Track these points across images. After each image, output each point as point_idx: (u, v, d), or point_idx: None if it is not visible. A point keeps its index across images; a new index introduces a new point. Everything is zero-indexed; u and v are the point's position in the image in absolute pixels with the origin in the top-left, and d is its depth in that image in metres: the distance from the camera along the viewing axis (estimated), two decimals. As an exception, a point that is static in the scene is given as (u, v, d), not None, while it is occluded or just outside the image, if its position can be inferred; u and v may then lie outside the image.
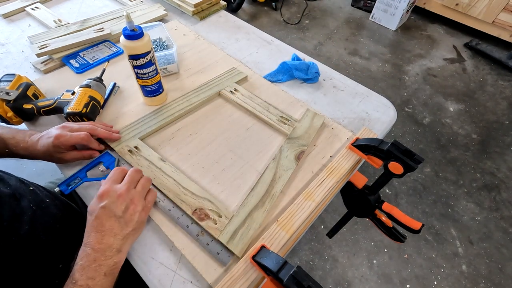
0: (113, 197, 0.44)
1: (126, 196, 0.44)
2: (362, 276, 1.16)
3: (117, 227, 0.42)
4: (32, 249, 0.44)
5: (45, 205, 0.50)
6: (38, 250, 0.44)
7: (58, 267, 0.47)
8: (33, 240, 0.44)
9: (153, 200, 0.48)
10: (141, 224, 0.46)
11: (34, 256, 0.44)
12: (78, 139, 0.52)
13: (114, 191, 0.44)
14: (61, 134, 0.51)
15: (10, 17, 0.91)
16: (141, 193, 0.46)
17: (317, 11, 2.48)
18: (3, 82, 0.61)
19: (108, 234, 0.41)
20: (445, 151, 1.58)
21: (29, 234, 0.43)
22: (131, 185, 0.46)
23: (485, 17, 2.04)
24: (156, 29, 0.78)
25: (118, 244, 0.42)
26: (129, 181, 0.46)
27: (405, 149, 0.48)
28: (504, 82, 1.95)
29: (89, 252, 0.40)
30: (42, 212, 0.48)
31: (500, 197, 1.41)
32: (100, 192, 0.44)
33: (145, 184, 0.48)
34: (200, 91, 0.68)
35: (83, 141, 0.52)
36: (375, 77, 1.95)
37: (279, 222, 0.48)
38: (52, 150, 0.51)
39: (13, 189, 0.46)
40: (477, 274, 1.17)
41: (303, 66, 0.74)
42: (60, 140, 0.50)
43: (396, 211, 0.58)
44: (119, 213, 0.43)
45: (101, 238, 0.41)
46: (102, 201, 0.43)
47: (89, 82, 0.61)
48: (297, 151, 0.58)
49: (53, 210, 0.51)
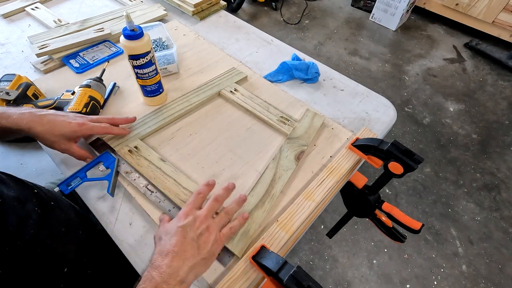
0: (192, 220, 0.42)
1: (204, 222, 0.42)
2: (362, 276, 1.16)
3: (190, 251, 0.39)
4: (37, 253, 0.43)
5: (50, 208, 0.49)
6: (43, 254, 0.44)
7: (63, 271, 0.47)
8: (39, 244, 0.44)
9: (228, 235, 0.44)
10: (212, 256, 0.42)
11: (39, 260, 0.43)
12: (101, 129, 0.52)
13: (194, 214, 0.43)
14: (84, 122, 0.51)
15: (10, 17, 0.91)
16: (217, 224, 0.44)
17: (317, 11, 2.48)
18: (3, 82, 0.61)
19: (179, 256, 0.38)
20: (445, 151, 1.58)
21: (35, 238, 0.43)
22: (210, 213, 0.44)
23: (485, 17, 2.04)
24: (156, 29, 0.78)
25: (184, 272, 0.38)
26: (209, 209, 0.44)
27: (405, 149, 0.48)
28: (504, 82, 1.95)
29: (154, 275, 0.36)
30: (47, 215, 0.47)
31: (500, 197, 1.41)
32: (180, 213, 0.43)
33: (223, 217, 0.45)
34: (200, 91, 0.68)
35: (105, 131, 0.53)
36: (375, 77, 1.95)
37: (279, 222, 0.48)
38: (63, 134, 0.50)
39: (17, 192, 0.46)
40: (477, 274, 1.17)
41: (303, 66, 0.74)
42: (83, 127, 0.50)
43: (396, 211, 0.58)
44: (195, 236, 0.40)
45: (170, 261, 0.38)
46: (180, 221, 0.42)
47: (89, 82, 0.61)
48: (297, 151, 0.58)
49: (58, 213, 0.51)
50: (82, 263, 0.52)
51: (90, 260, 0.54)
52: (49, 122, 0.49)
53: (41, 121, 0.49)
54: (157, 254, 0.39)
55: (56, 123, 0.49)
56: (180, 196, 0.50)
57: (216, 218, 0.45)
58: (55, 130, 0.49)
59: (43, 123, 0.49)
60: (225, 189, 0.47)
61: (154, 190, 0.52)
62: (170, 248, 0.39)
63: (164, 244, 0.40)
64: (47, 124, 0.49)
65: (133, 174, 0.53)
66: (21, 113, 0.49)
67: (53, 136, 0.50)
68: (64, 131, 0.50)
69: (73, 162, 0.57)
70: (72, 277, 0.46)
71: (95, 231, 0.59)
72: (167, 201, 0.50)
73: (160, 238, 0.41)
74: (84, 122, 0.51)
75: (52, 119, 0.50)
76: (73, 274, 0.47)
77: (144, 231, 0.49)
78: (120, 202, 0.52)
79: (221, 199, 0.46)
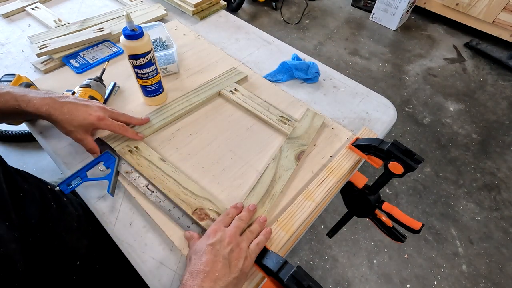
0: (221, 237, 0.41)
1: (233, 238, 0.41)
2: (362, 276, 1.16)
3: (221, 270, 0.38)
4: (54, 245, 0.44)
5: (63, 203, 0.50)
6: (59, 246, 0.45)
7: (76, 264, 0.48)
8: (56, 237, 0.44)
9: (256, 251, 0.42)
10: (244, 275, 0.40)
11: (56, 253, 0.44)
12: (117, 128, 0.52)
13: (223, 231, 0.42)
14: (104, 117, 0.51)
15: (10, 17, 0.91)
16: (246, 241, 0.43)
17: (317, 11, 2.48)
18: (3, 82, 0.61)
19: (210, 276, 0.37)
20: (445, 151, 1.58)
21: (53, 231, 0.44)
22: (238, 230, 0.43)
23: (485, 17, 2.04)
24: (156, 29, 0.78)
25: None
26: (236, 225, 0.44)
27: (405, 149, 0.48)
28: (504, 82, 1.95)
29: None
30: (62, 210, 0.48)
31: (500, 197, 1.41)
32: (209, 231, 0.43)
33: (249, 235, 0.44)
34: (200, 91, 0.68)
35: (121, 131, 0.53)
36: (375, 77, 1.95)
37: (279, 222, 0.48)
38: (82, 124, 0.49)
39: (35, 187, 0.46)
40: (477, 274, 1.17)
41: (303, 66, 0.74)
42: (102, 122, 0.50)
43: (396, 211, 0.58)
44: (225, 254, 0.39)
45: (201, 281, 0.36)
46: (209, 239, 0.41)
47: (89, 82, 0.61)
48: (297, 151, 0.58)
49: (70, 209, 0.51)
50: (92, 258, 0.53)
51: (98, 256, 0.55)
52: (69, 111, 0.49)
53: (62, 109, 0.48)
54: (188, 274, 0.37)
55: (76, 114, 0.49)
56: (180, 196, 0.50)
57: (243, 235, 0.44)
58: (74, 120, 0.49)
59: (63, 111, 0.48)
60: (247, 210, 0.46)
61: (154, 190, 0.52)
62: (201, 267, 0.37)
63: (194, 264, 0.38)
64: (67, 113, 0.49)
65: (133, 174, 0.53)
66: (42, 97, 0.48)
67: (71, 126, 0.49)
68: (83, 123, 0.49)
69: (73, 162, 0.57)
70: (84, 270, 0.46)
71: (102, 228, 0.60)
72: (167, 201, 0.50)
73: (190, 258, 0.40)
74: (104, 117, 0.51)
75: (72, 108, 0.49)
76: (84, 268, 0.48)
77: (145, 231, 0.49)
78: (120, 202, 0.52)
79: (245, 218, 0.45)
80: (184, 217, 0.49)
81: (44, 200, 0.45)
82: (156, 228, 0.49)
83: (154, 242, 0.48)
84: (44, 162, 1.41)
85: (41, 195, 0.46)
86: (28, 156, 1.43)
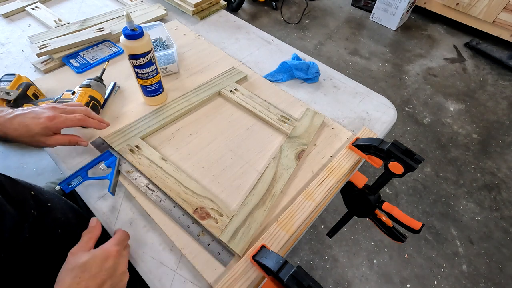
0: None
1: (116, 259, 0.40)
2: (363, 275, 1.16)
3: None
4: (32, 255, 0.43)
5: (46, 209, 0.49)
6: (38, 256, 0.44)
7: None
8: (33, 247, 0.43)
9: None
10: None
11: (35, 262, 0.43)
12: (75, 121, 0.49)
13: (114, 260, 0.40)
14: (55, 116, 0.47)
15: (10, 16, 0.91)
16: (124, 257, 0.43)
17: (317, 11, 2.48)
18: (3, 82, 0.61)
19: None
20: (445, 150, 1.58)
21: (29, 241, 0.42)
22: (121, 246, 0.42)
23: (485, 16, 2.04)
24: (156, 29, 0.78)
25: None
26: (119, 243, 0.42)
27: (405, 149, 0.48)
28: (504, 82, 1.95)
29: None
30: (43, 218, 0.47)
31: (501, 197, 1.41)
32: (103, 253, 0.40)
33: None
34: (200, 91, 0.68)
35: (80, 123, 0.49)
36: (375, 77, 1.95)
37: (279, 222, 0.48)
38: (37, 132, 0.46)
39: (14, 195, 0.45)
40: (477, 274, 1.17)
41: (303, 66, 0.74)
42: (54, 121, 0.47)
43: (397, 211, 0.58)
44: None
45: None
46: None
47: (89, 82, 0.61)
48: (297, 150, 0.58)
49: (54, 214, 0.50)
50: None
51: None
52: (20, 124, 0.46)
53: (13, 125, 0.46)
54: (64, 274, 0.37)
55: (27, 123, 0.46)
56: (181, 195, 0.50)
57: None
58: (29, 131, 0.46)
59: (16, 127, 0.46)
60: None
61: (155, 189, 0.52)
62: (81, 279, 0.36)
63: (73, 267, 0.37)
64: (19, 127, 0.46)
65: (134, 174, 0.53)
66: (6, 119, 0.46)
67: (29, 138, 0.47)
68: (37, 130, 0.46)
69: (74, 162, 0.57)
70: None
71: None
72: (168, 200, 0.50)
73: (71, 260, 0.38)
74: (55, 116, 0.47)
75: (21, 120, 0.46)
76: None
77: (145, 231, 0.49)
78: (121, 202, 0.52)
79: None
80: (184, 217, 0.49)
81: (23, 209, 0.43)
82: (156, 228, 0.49)
83: (154, 242, 0.48)
84: (45, 162, 1.41)
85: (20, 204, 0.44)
86: (28, 156, 1.43)
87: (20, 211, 0.43)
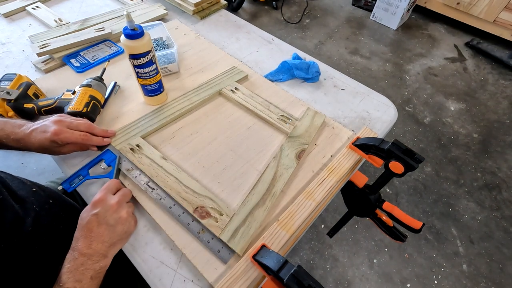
0: (107, 206, 0.45)
1: (118, 208, 0.46)
2: (363, 275, 1.16)
3: (106, 235, 0.44)
4: (35, 250, 0.44)
5: (48, 206, 0.50)
6: (41, 251, 0.45)
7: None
8: (36, 242, 0.44)
9: (131, 211, 0.49)
10: (128, 235, 0.47)
11: (37, 257, 0.44)
12: (78, 138, 0.52)
13: (108, 201, 0.46)
14: (61, 130, 0.50)
15: (11, 16, 0.91)
16: (130, 209, 0.49)
17: (317, 10, 2.48)
18: (4, 82, 0.61)
19: (97, 240, 0.43)
20: (446, 150, 1.57)
21: (32, 235, 0.43)
22: (124, 198, 0.48)
23: (486, 16, 2.04)
24: (156, 29, 0.78)
25: (105, 250, 0.43)
26: (122, 194, 0.48)
27: (405, 149, 0.48)
28: (505, 81, 1.94)
29: (76, 256, 0.41)
30: (45, 213, 0.48)
31: (501, 197, 1.41)
32: (95, 199, 0.46)
33: (130, 209, 0.49)
34: (200, 90, 0.68)
35: (83, 141, 0.52)
36: (376, 76, 1.94)
37: (279, 221, 0.48)
38: (48, 145, 0.50)
39: (16, 191, 0.46)
40: (478, 274, 1.17)
41: (304, 66, 0.74)
42: (60, 136, 0.50)
43: (397, 211, 0.58)
44: (111, 222, 0.44)
45: (89, 244, 0.42)
46: (95, 208, 0.45)
47: (90, 82, 0.61)
48: (297, 149, 0.58)
49: (56, 211, 0.51)
50: None
51: None
52: (35, 138, 0.50)
53: (30, 140, 0.50)
54: (76, 238, 0.43)
55: (39, 138, 0.50)
56: (181, 194, 0.50)
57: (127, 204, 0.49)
58: (42, 145, 0.50)
59: (32, 141, 0.50)
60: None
61: (155, 187, 0.52)
62: (88, 233, 0.43)
63: (82, 229, 0.43)
64: (35, 141, 0.50)
65: (134, 172, 0.54)
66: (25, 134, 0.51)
67: (45, 149, 0.51)
68: (47, 143, 0.50)
69: (75, 161, 0.57)
70: None
71: None
72: (168, 198, 0.50)
73: (81, 219, 0.44)
74: (60, 131, 0.50)
75: (35, 136, 0.50)
76: None
77: (145, 230, 0.49)
78: (121, 201, 0.52)
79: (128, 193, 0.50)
80: (184, 215, 0.49)
81: (25, 204, 0.45)
82: (156, 227, 0.49)
83: (154, 241, 0.48)
84: (45, 162, 1.41)
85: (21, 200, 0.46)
86: (29, 156, 1.43)
87: (22, 206, 0.45)
